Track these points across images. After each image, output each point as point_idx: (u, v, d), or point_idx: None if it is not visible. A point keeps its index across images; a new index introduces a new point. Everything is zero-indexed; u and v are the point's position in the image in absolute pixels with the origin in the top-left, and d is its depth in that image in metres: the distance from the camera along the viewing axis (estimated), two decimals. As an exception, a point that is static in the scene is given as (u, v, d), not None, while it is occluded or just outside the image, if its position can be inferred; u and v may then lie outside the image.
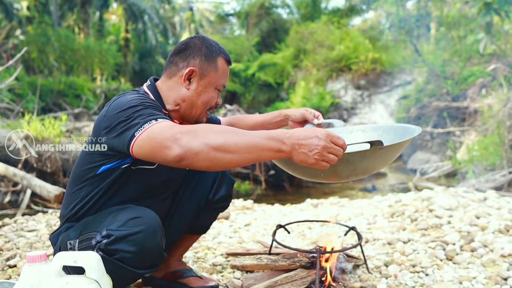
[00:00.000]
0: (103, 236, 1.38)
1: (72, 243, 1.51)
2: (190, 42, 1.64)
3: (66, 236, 1.56)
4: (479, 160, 5.53)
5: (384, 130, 1.98)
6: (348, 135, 2.06)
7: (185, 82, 1.61)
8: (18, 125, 5.49)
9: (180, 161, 1.22)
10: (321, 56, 14.50)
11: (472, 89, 8.28)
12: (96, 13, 22.47)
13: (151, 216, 1.42)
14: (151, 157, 1.30)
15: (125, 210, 1.44)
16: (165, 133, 1.25)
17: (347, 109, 13.43)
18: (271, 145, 1.24)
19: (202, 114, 1.66)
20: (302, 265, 2.04)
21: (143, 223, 1.38)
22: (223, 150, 1.21)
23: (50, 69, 16.90)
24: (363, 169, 1.53)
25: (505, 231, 2.63)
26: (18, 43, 16.33)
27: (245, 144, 1.22)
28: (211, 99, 1.64)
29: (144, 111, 1.37)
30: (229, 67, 1.70)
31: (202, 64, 1.61)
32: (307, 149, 1.25)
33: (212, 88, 1.63)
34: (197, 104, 1.63)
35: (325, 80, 14.30)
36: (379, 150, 1.48)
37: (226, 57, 1.66)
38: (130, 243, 1.35)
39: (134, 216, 1.38)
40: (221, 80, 1.65)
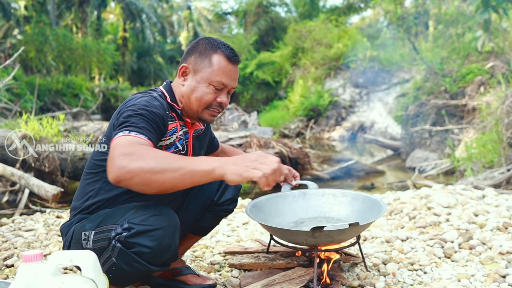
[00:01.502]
0: (124, 229, 1.41)
1: (87, 234, 1.53)
2: (195, 43, 1.72)
3: (81, 226, 1.58)
4: (478, 158, 5.53)
5: (352, 197, 2.26)
6: (320, 197, 2.31)
7: (181, 78, 1.68)
8: (16, 124, 5.46)
9: (117, 182, 1.27)
10: (319, 54, 14.50)
11: (471, 87, 8.27)
12: (94, 12, 22.45)
13: (171, 214, 1.47)
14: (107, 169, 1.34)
15: (147, 207, 1.47)
16: (116, 150, 1.32)
17: (346, 107, 13.43)
18: (204, 165, 1.28)
19: (201, 111, 1.68)
20: (300, 264, 2.04)
21: (164, 220, 1.42)
22: (157, 172, 1.26)
23: (48, 68, 16.87)
24: (339, 239, 1.85)
25: (504, 228, 2.63)
26: (16, 43, 16.29)
27: (179, 167, 1.27)
28: (204, 95, 1.64)
29: (134, 119, 1.46)
30: (232, 65, 1.68)
31: (196, 60, 1.66)
32: (239, 160, 1.31)
33: (205, 84, 1.64)
34: (192, 99, 1.66)
35: (323, 79, 14.30)
36: (355, 227, 1.75)
37: (226, 54, 1.65)
38: (150, 238, 1.38)
39: (156, 213, 1.43)
40: (217, 77, 1.64)
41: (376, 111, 13.04)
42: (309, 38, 15.23)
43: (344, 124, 12.78)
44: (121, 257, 1.42)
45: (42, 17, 17.14)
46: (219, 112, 1.74)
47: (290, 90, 15.17)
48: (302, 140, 10.52)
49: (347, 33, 14.65)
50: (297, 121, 13.49)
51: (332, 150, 10.62)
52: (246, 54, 18.19)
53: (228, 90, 1.71)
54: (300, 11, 20.05)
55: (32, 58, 15.35)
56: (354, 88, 13.80)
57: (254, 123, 7.77)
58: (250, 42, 18.56)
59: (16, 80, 10.86)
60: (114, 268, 1.46)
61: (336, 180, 6.33)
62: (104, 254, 1.47)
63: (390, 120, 12.16)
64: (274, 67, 16.92)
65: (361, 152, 10.35)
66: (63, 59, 16.74)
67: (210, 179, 1.30)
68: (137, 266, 1.43)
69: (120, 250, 1.42)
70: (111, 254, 1.45)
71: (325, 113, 13.24)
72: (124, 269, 1.44)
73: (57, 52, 16.15)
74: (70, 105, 13.62)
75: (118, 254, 1.43)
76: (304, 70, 15.03)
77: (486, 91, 7.61)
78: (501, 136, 5.17)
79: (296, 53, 15.93)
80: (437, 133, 7.93)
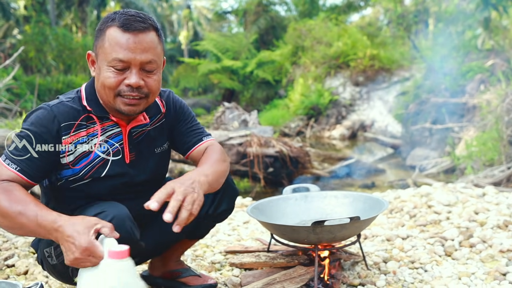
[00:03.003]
0: None
1: (48, 251, 1.46)
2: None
3: (42, 244, 1.51)
4: (478, 156, 5.53)
5: (354, 198, 2.28)
6: (322, 199, 2.31)
7: (91, 69, 1.46)
8: (16, 124, 5.46)
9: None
10: (319, 53, 14.48)
11: (471, 85, 8.27)
12: (94, 11, 22.43)
13: (116, 207, 1.35)
14: None
15: (91, 207, 1.38)
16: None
17: (346, 106, 13.42)
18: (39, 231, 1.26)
19: (113, 101, 1.40)
20: (301, 262, 2.04)
21: (108, 215, 1.31)
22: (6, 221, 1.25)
23: (48, 68, 16.87)
24: (340, 236, 1.85)
25: (504, 226, 2.63)
26: (15, 43, 16.29)
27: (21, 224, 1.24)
28: (105, 80, 1.37)
29: (16, 143, 1.37)
30: (129, 34, 1.34)
31: (95, 44, 1.42)
32: (66, 249, 1.21)
33: (104, 67, 1.37)
34: (99, 89, 1.43)
35: (323, 77, 14.28)
36: (356, 222, 1.77)
37: (119, 24, 1.35)
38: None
39: (98, 211, 1.33)
40: (111, 54, 1.34)
41: (377, 109, 13.03)
42: (309, 37, 15.21)
43: (345, 122, 12.78)
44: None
45: (42, 17, 17.14)
46: (138, 98, 1.40)
47: (290, 89, 15.15)
48: (303, 139, 10.52)
49: (347, 32, 14.62)
50: (297, 120, 13.48)
51: (332, 148, 10.62)
52: (246, 53, 18.17)
53: (138, 67, 1.37)
54: (300, 10, 20.01)
55: (32, 58, 15.34)
56: (354, 87, 13.79)
57: (254, 122, 7.77)
58: (250, 41, 18.53)
59: (16, 80, 10.86)
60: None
61: (337, 179, 6.33)
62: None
63: (391, 118, 12.15)
64: (274, 66, 16.90)
65: (362, 151, 10.35)
66: (63, 59, 16.74)
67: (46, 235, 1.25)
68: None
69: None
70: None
71: (325, 112, 13.22)
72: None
73: (57, 51, 16.14)
74: (70, 105, 13.62)
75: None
76: (304, 69, 15.01)
77: (486, 89, 7.61)
78: (501, 134, 5.16)
79: (296, 52, 15.91)
80: (437, 131, 7.92)
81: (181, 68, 19.77)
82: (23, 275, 2.11)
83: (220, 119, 7.83)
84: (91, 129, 1.45)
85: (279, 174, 5.74)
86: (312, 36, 15.12)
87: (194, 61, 18.84)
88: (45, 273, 2.06)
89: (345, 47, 13.95)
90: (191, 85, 19.62)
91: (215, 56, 18.28)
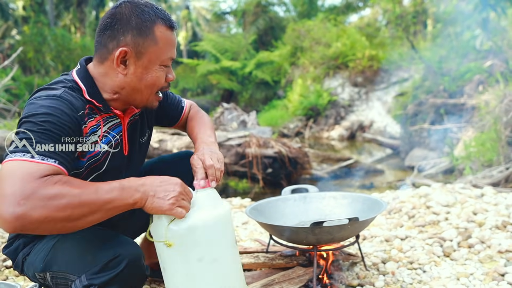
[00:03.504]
0: (85, 286, 1.23)
1: (42, 275, 1.37)
2: (116, 13, 1.31)
3: (30, 264, 1.40)
4: (476, 156, 5.53)
5: (353, 198, 2.27)
6: (321, 200, 2.31)
7: (120, 67, 1.33)
8: (15, 125, 5.46)
9: (14, 232, 1.07)
10: (318, 53, 14.49)
11: (469, 86, 8.28)
12: (92, 12, 22.41)
13: (128, 247, 1.28)
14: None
15: (99, 249, 1.27)
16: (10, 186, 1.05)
17: (344, 106, 13.43)
18: (124, 196, 1.16)
19: (150, 98, 1.41)
20: (300, 263, 2.04)
21: (123, 260, 1.24)
22: (73, 220, 1.09)
23: (47, 68, 16.85)
24: (339, 237, 1.85)
25: (502, 227, 2.63)
26: (14, 43, 16.29)
27: (97, 208, 1.12)
28: (157, 80, 1.37)
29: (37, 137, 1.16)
30: (174, 33, 1.37)
31: (136, 40, 1.30)
32: (162, 194, 1.22)
33: (155, 66, 1.35)
34: (141, 89, 1.37)
35: (322, 78, 14.29)
36: (354, 223, 1.77)
37: (166, 22, 1.34)
38: (117, 284, 1.24)
39: (112, 257, 1.23)
40: (166, 53, 1.35)
41: (375, 110, 13.05)
42: (308, 38, 15.22)
43: (343, 123, 12.79)
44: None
45: (41, 18, 17.13)
46: (167, 90, 1.53)
47: (289, 89, 15.16)
48: (301, 140, 10.52)
49: (345, 32, 14.64)
50: (296, 120, 13.49)
51: (331, 149, 10.62)
52: (245, 54, 18.18)
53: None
54: (298, 11, 20.03)
55: (30, 58, 15.33)
56: (353, 87, 13.80)
57: (253, 123, 7.77)
58: (248, 41, 18.54)
59: (14, 80, 10.86)
60: None
61: (335, 180, 6.33)
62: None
63: (389, 119, 12.16)
64: (273, 66, 16.91)
65: (360, 151, 10.35)
66: (62, 59, 16.72)
67: (130, 208, 1.20)
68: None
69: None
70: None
71: (324, 112, 13.24)
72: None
73: (56, 52, 16.13)
74: (69, 106, 13.62)
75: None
76: (303, 70, 15.03)
77: (484, 89, 7.62)
78: (500, 134, 5.17)
79: (295, 52, 15.92)
80: (436, 132, 7.93)
81: (180, 68, 19.77)
82: (22, 276, 2.11)
83: (219, 120, 7.83)
84: (94, 120, 1.36)
85: (278, 175, 5.74)
86: (311, 36, 15.14)
87: (193, 61, 18.83)
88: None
89: (344, 48, 13.97)
90: (190, 86, 19.61)
91: (214, 57, 18.29)
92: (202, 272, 1.32)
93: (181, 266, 1.31)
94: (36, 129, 1.17)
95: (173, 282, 1.34)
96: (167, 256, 1.32)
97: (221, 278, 1.35)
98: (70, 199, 1.08)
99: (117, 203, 1.16)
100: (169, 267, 1.34)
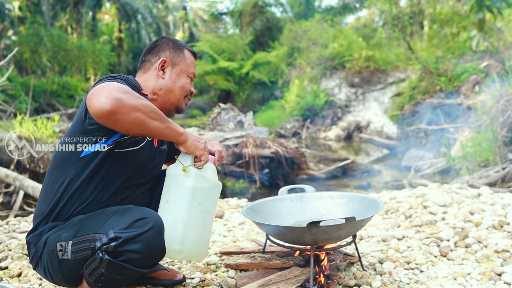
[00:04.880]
0: (111, 239, 1.41)
1: (63, 245, 1.50)
2: (158, 41, 1.83)
3: (55, 237, 1.53)
4: (473, 157, 5.54)
5: (350, 198, 2.28)
6: (317, 200, 2.31)
7: (160, 72, 1.75)
8: (11, 126, 5.43)
9: (109, 114, 1.33)
10: (315, 54, 14.51)
11: (466, 86, 8.31)
12: (89, 12, 22.35)
13: (155, 216, 1.50)
14: (90, 104, 1.38)
15: (129, 212, 1.50)
16: (110, 86, 1.39)
17: (341, 107, 13.44)
18: (177, 128, 1.55)
19: (181, 100, 1.80)
20: (296, 263, 2.03)
21: (149, 222, 1.45)
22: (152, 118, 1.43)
23: (43, 69, 16.79)
24: (336, 236, 1.85)
25: (499, 226, 2.64)
26: (10, 44, 16.20)
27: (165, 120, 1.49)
28: (185, 85, 1.79)
29: (115, 79, 1.53)
30: (195, 60, 1.88)
31: (172, 55, 1.79)
32: (198, 141, 1.64)
33: (184, 75, 1.79)
34: (174, 90, 1.77)
35: (319, 78, 14.30)
36: (351, 223, 1.78)
37: (191, 50, 1.86)
38: (139, 244, 1.41)
39: (139, 217, 1.45)
40: (191, 69, 1.82)
41: (372, 110, 13.06)
42: (305, 38, 15.24)
43: (340, 123, 12.80)
44: (110, 268, 1.43)
45: (37, 18, 17.05)
46: (189, 100, 1.89)
47: (286, 90, 15.17)
48: (298, 140, 10.52)
49: (342, 33, 14.65)
50: (293, 120, 13.50)
51: (328, 149, 10.62)
52: (242, 55, 18.18)
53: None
54: (295, 11, 20.06)
55: (26, 59, 15.25)
56: (349, 88, 13.82)
57: (250, 123, 7.76)
58: (245, 42, 18.54)
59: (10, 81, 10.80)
60: (103, 278, 1.46)
61: (332, 180, 6.33)
62: (89, 265, 1.46)
63: (386, 119, 12.18)
64: (270, 67, 16.92)
65: (357, 152, 10.36)
66: (58, 60, 16.66)
67: (174, 140, 1.56)
68: (128, 273, 1.45)
69: (108, 261, 1.42)
70: (99, 265, 1.44)
71: (321, 113, 13.24)
72: (115, 278, 1.45)
73: (52, 53, 16.06)
74: (65, 106, 13.56)
75: (107, 265, 1.43)
76: (300, 70, 15.04)
77: (481, 90, 7.64)
78: (496, 134, 5.18)
79: (292, 53, 15.94)
80: (432, 132, 7.94)
81: (177, 69, 19.68)
82: (17, 277, 2.09)
83: (215, 120, 7.82)
84: None
85: (275, 176, 5.73)
86: (308, 37, 15.16)
87: (190, 62, 18.78)
88: (39, 276, 2.04)
89: (341, 49, 13.98)
90: (187, 86, 19.58)
91: (211, 57, 18.28)
92: (197, 214, 1.63)
93: (186, 202, 1.61)
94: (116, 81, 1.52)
95: (171, 211, 1.61)
96: (178, 190, 1.62)
97: (204, 227, 1.69)
98: (151, 105, 1.45)
99: (173, 127, 1.53)
100: (175, 199, 1.62)
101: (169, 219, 1.58)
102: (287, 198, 2.30)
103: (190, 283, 2.00)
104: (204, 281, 2.01)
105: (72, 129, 1.61)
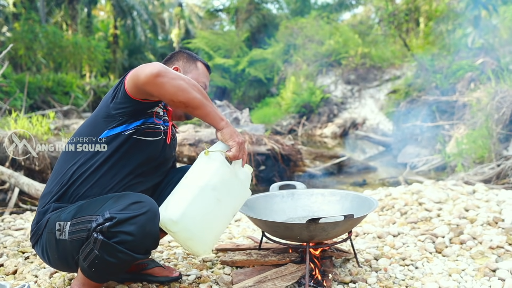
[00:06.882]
0: (106, 219, 1.45)
1: (61, 225, 1.54)
2: (175, 53, 1.97)
3: (56, 216, 1.58)
4: (468, 154, 5.57)
5: (341, 196, 2.28)
6: (309, 197, 2.33)
7: None
8: (5, 123, 5.41)
9: (156, 76, 1.47)
10: (311, 51, 14.51)
11: (461, 83, 8.33)
12: (84, 9, 22.25)
13: (151, 201, 1.52)
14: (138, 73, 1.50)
15: (125, 196, 1.53)
16: (155, 63, 1.51)
17: (337, 104, 13.46)
18: (220, 113, 1.64)
19: None
20: (292, 260, 2.04)
21: (145, 206, 1.48)
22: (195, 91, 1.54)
23: (38, 66, 16.72)
24: (333, 233, 1.85)
25: (494, 223, 2.65)
26: (5, 40, 16.09)
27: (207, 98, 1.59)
28: None
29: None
30: (209, 73, 1.99)
31: (185, 64, 1.92)
32: (236, 132, 1.68)
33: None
34: None
35: (315, 75, 14.31)
36: (349, 220, 1.79)
37: (205, 63, 1.98)
38: (133, 226, 1.44)
39: (135, 200, 1.49)
40: (202, 78, 1.92)
41: (368, 107, 13.09)
42: (301, 35, 15.23)
43: (336, 120, 12.81)
44: (103, 249, 1.45)
45: (32, 14, 16.96)
46: None
47: (282, 87, 15.17)
48: (294, 137, 10.53)
49: (338, 30, 14.66)
50: (289, 118, 13.50)
51: (324, 146, 10.64)
52: (238, 51, 18.14)
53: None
54: (291, 8, 20.03)
55: (21, 55, 15.17)
56: (345, 85, 13.83)
57: (246, 120, 7.76)
58: (241, 39, 18.51)
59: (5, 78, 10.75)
60: (97, 261, 1.48)
61: (328, 177, 6.34)
62: (85, 248, 1.49)
63: (382, 116, 12.20)
64: (266, 64, 16.90)
65: (353, 149, 10.38)
66: (53, 57, 16.57)
67: (217, 121, 1.62)
68: (121, 256, 1.47)
69: (102, 242, 1.45)
70: (93, 247, 1.47)
71: (317, 110, 13.25)
72: (108, 261, 1.47)
73: (47, 49, 15.97)
74: (60, 103, 13.51)
75: (101, 246, 1.46)
76: (296, 67, 15.03)
77: (476, 87, 7.67)
78: (491, 131, 5.20)
79: (288, 50, 15.93)
80: (428, 129, 7.97)
81: (172, 66, 19.64)
82: (12, 274, 2.09)
83: (211, 117, 7.80)
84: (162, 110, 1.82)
85: (271, 172, 5.73)
86: (304, 34, 15.15)
87: (185, 59, 18.74)
88: (34, 273, 2.04)
89: (337, 45, 13.99)
90: (183, 83, 19.53)
91: (207, 54, 18.23)
92: (208, 198, 1.63)
93: (202, 182, 1.63)
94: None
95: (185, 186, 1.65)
96: (200, 170, 1.67)
97: (211, 215, 1.65)
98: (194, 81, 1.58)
99: (216, 110, 1.63)
100: (193, 176, 1.67)
101: (180, 192, 1.63)
102: (278, 194, 2.31)
103: (186, 280, 2.00)
104: (200, 278, 2.01)
105: (95, 113, 1.70)
